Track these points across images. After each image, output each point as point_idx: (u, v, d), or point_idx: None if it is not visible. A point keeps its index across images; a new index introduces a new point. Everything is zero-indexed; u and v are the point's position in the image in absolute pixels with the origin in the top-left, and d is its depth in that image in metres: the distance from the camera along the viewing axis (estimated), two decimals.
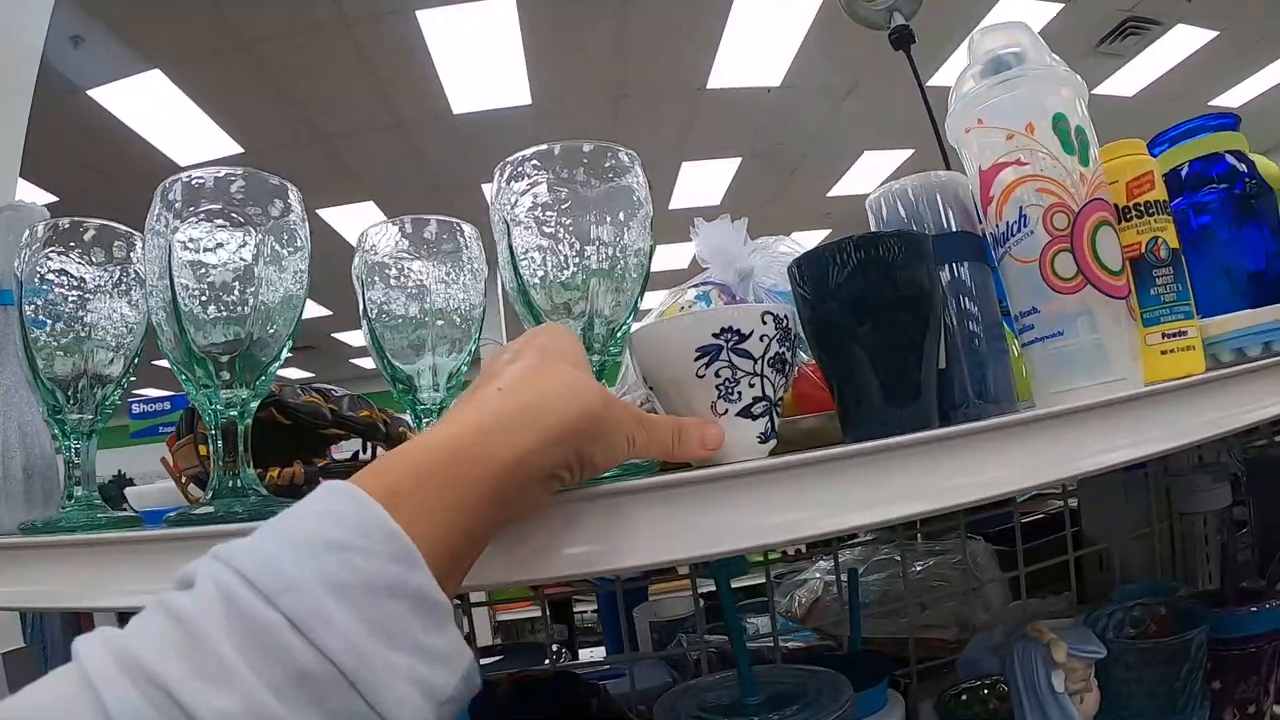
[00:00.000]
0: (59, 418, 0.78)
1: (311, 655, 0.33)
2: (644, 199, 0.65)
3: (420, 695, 0.36)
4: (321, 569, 0.35)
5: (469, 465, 0.42)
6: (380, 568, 0.36)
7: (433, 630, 0.38)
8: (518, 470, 0.44)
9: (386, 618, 0.36)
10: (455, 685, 0.38)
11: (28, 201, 0.99)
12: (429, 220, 0.75)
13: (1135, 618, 1.05)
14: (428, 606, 0.38)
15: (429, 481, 0.41)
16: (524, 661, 1.35)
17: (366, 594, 0.36)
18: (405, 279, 0.73)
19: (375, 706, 0.34)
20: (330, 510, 0.38)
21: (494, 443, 0.44)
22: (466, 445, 0.43)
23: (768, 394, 0.61)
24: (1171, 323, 0.76)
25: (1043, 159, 0.71)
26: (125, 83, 4.56)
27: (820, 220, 7.75)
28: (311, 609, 0.34)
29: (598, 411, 0.48)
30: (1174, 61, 5.80)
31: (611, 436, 0.50)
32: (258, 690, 0.32)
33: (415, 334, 0.73)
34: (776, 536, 0.51)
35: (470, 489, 0.42)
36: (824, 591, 1.42)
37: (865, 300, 0.63)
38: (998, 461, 0.56)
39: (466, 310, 0.75)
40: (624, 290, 0.63)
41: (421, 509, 0.39)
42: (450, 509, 0.41)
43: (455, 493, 0.41)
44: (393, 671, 0.35)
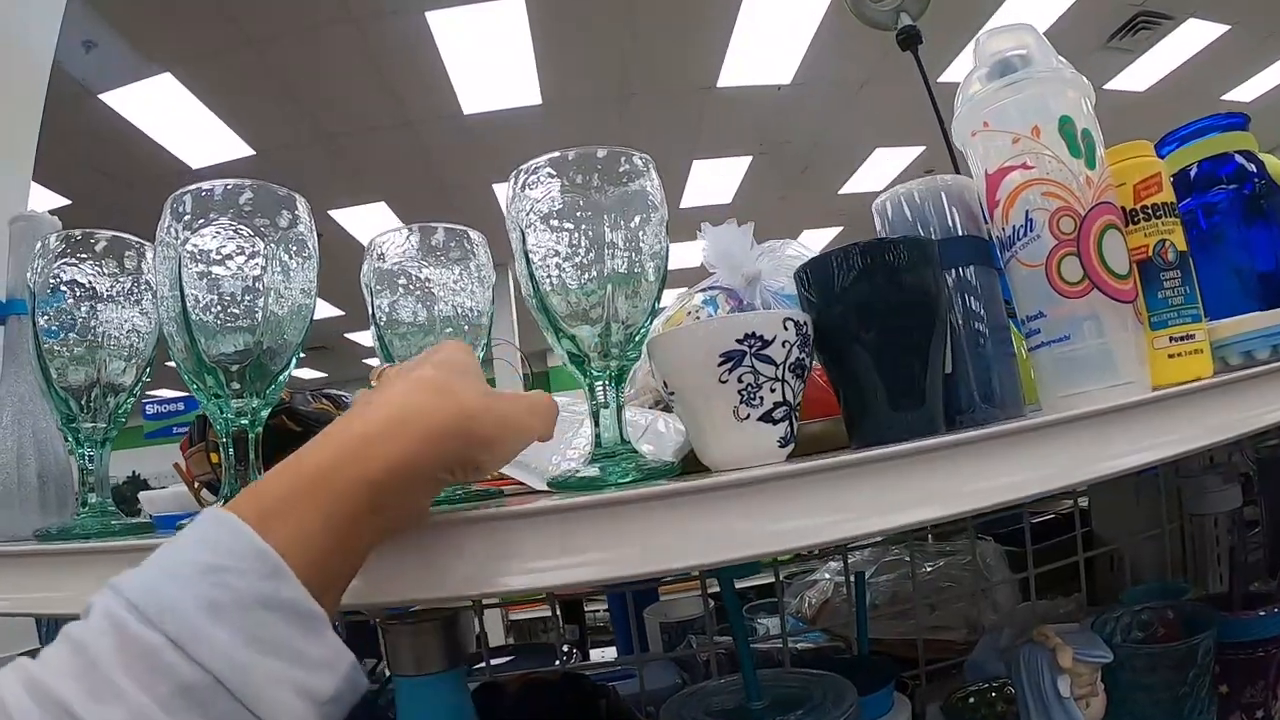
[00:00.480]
0: (72, 426, 0.79)
1: (191, 670, 0.36)
2: (659, 202, 0.65)
3: (299, 699, 0.39)
4: (198, 591, 0.38)
5: (337, 481, 0.44)
6: (252, 585, 0.39)
7: (308, 638, 0.40)
8: (388, 480, 0.45)
9: (261, 630, 0.39)
10: (336, 686, 0.41)
11: (40, 211, 1.00)
12: (436, 228, 0.75)
13: (1143, 621, 1.04)
14: (301, 616, 0.40)
15: (299, 501, 0.43)
16: (535, 662, 1.35)
17: (240, 610, 0.38)
18: (413, 286, 0.73)
19: (255, 711, 0.37)
20: (206, 537, 0.41)
21: (362, 456, 0.45)
22: (334, 462, 0.45)
23: (788, 399, 0.62)
24: (1179, 326, 0.75)
25: (1049, 162, 0.71)
26: (136, 86, 4.60)
27: (832, 218, 7.75)
28: (189, 628, 0.37)
29: (471, 410, 0.50)
30: (1185, 56, 5.78)
31: (501, 446, 0.52)
32: (145, 705, 0.35)
33: (424, 340, 0.73)
34: (785, 544, 0.51)
35: (340, 503, 0.44)
36: (834, 593, 1.42)
37: (871, 305, 0.63)
38: (1007, 468, 0.56)
39: (474, 317, 0.75)
40: (641, 295, 0.63)
41: (292, 527, 0.42)
42: (320, 525, 0.43)
43: (324, 509, 0.43)
44: (270, 679, 0.38)
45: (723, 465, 0.62)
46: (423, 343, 0.73)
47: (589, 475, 0.60)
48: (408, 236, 0.75)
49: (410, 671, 0.65)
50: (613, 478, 0.59)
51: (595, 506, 0.51)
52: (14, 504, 0.90)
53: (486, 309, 0.77)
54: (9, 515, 0.90)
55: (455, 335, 0.74)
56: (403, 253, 0.74)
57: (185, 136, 5.17)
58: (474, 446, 0.50)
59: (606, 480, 0.58)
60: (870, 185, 7.30)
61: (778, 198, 7.18)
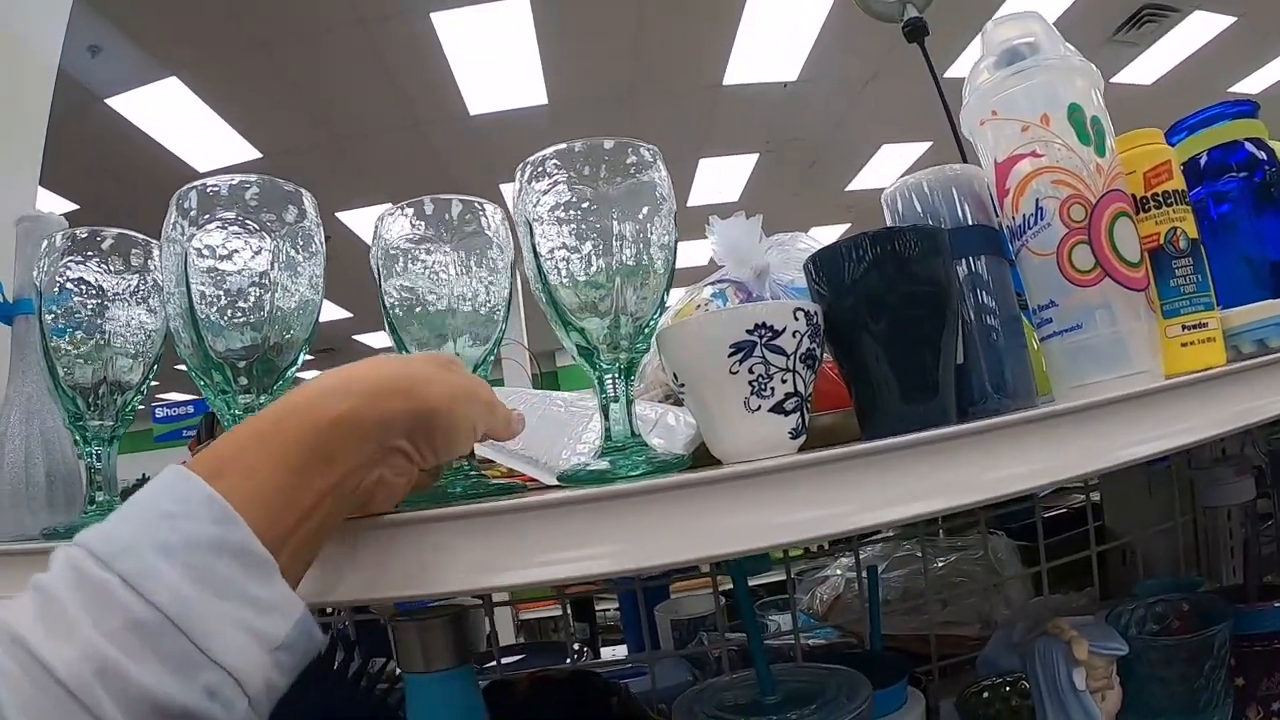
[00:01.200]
0: (80, 424, 0.79)
1: (142, 606, 0.38)
2: (667, 194, 0.64)
3: (249, 639, 0.41)
4: (151, 535, 0.40)
5: (285, 429, 0.46)
6: (202, 529, 0.41)
7: (259, 582, 0.42)
8: (335, 428, 0.47)
9: (211, 572, 0.40)
10: (288, 633, 0.43)
11: (45, 211, 1.00)
12: (451, 200, 0.71)
13: (1158, 614, 1.04)
14: (251, 560, 0.42)
15: (249, 449, 0.45)
16: (546, 660, 1.35)
17: (191, 552, 0.40)
18: (425, 265, 0.71)
19: (202, 647, 0.39)
20: (163, 488, 0.43)
21: (311, 406, 0.47)
22: (285, 412, 0.47)
23: (799, 389, 0.61)
24: (1192, 314, 0.75)
25: (1058, 150, 0.71)
26: (142, 90, 4.61)
27: (840, 215, 7.74)
28: (141, 568, 0.39)
29: (416, 373, 0.52)
30: (1192, 49, 5.77)
31: (455, 411, 0.54)
32: (97, 639, 0.37)
33: (438, 322, 0.71)
34: (797, 535, 0.51)
35: (289, 450, 0.45)
36: (845, 588, 1.41)
37: (882, 296, 0.63)
38: (1019, 458, 0.56)
39: (491, 299, 0.72)
40: (650, 287, 0.63)
41: (240, 475, 0.44)
42: (268, 472, 0.44)
43: (272, 456, 0.45)
44: (220, 619, 0.40)
45: (734, 457, 0.62)
46: (437, 325, 0.71)
47: (599, 469, 0.59)
48: (418, 210, 0.71)
49: (419, 669, 0.65)
50: (623, 471, 0.58)
51: (604, 499, 0.51)
52: (22, 503, 0.91)
53: (504, 285, 0.74)
54: (17, 515, 0.90)
55: (471, 317, 0.71)
56: (414, 229, 0.71)
57: (192, 140, 5.18)
58: (421, 411, 0.51)
59: (617, 474, 0.58)
60: (878, 181, 7.29)
61: (785, 195, 7.17)
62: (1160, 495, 1.40)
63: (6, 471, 0.91)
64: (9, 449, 0.92)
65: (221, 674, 0.39)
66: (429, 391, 0.52)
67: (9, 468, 0.91)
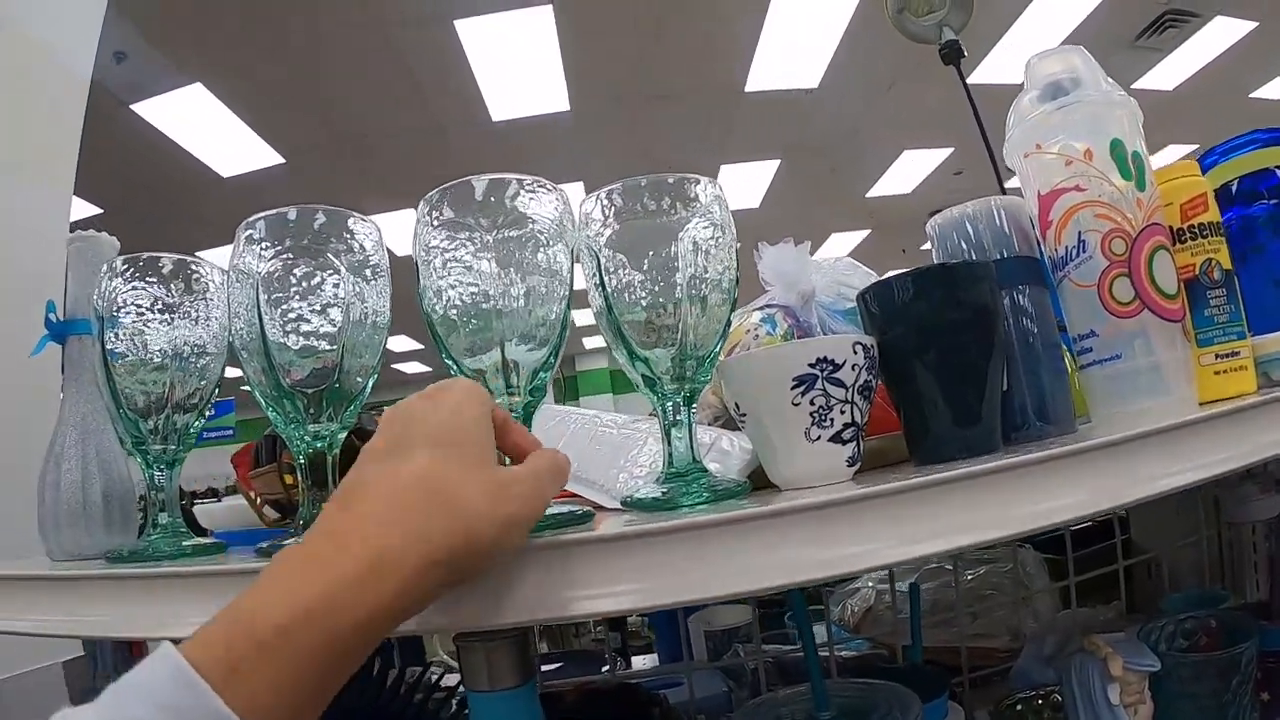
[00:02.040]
0: (142, 448, 0.80)
1: None
2: (728, 225, 0.66)
3: None
4: None
5: (309, 636, 0.40)
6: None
7: None
8: (365, 633, 0.42)
9: None
10: None
11: (97, 232, 1.01)
12: (509, 181, 0.63)
13: (1186, 630, 1.05)
14: None
15: (267, 657, 0.39)
16: (582, 669, 1.37)
17: None
18: (467, 255, 0.63)
19: None
20: (157, 689, 0.37)
21: (337, 609, 0.41)
22: (305, 616, 0.41)
23: (856, 420, 0.64)
24: (1225, 343, 0.77)
25: (1101, 185, 0.73)
26: (167, 96, 4.64)
27: (860, 221, 7.74)
28: None
29: (474, 525, 0.46)
30: (1213, 54, 5.75)
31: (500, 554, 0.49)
32: None
33: (483, 323, 0.63)
34: (853, 566, 0.52)
35: (313, 658, 0.40)
36: (877, 600, 1.43)
37: (934, 327, 0.66)
38: (1068, 488, 0.57)
39: (546, 292, 0.64)
40: (711, 317, 0.65)
41: (259, 687, 0.38)
42: (290, 680, 0.40)
43: (295, 665, 0.40)
44: None
45: (792, 484, 0.65)
46: (482, 326, 0.63)
47: (662, 496, 0.61)
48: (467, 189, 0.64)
49: (484, 687, 0.67)
50: (686, 499, 0.60)
51: (673, 532, 0.52)
52: (80, 523, 0.91)
53: (564, 278, 0.66)
54: (74, 534, 0.91)
55: (520, 316, 0.63)
56: (459, 210, 0.64)
57: (216, 145, 5.22)
58: (478, 558, 0.47)
59: (680, 501, 0.60)
60: (898, 188, 7.29)
61: (806, 201, 7.17)
62: (1186, 510, 1.41)
63: (65, 491, 0.91)
64: (65, 469, 0.92)
65: None
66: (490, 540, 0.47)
67: (67, 487, 0.91)
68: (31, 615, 0.74)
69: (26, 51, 2.09)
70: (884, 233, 8.13)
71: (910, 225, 8.03)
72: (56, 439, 0.94)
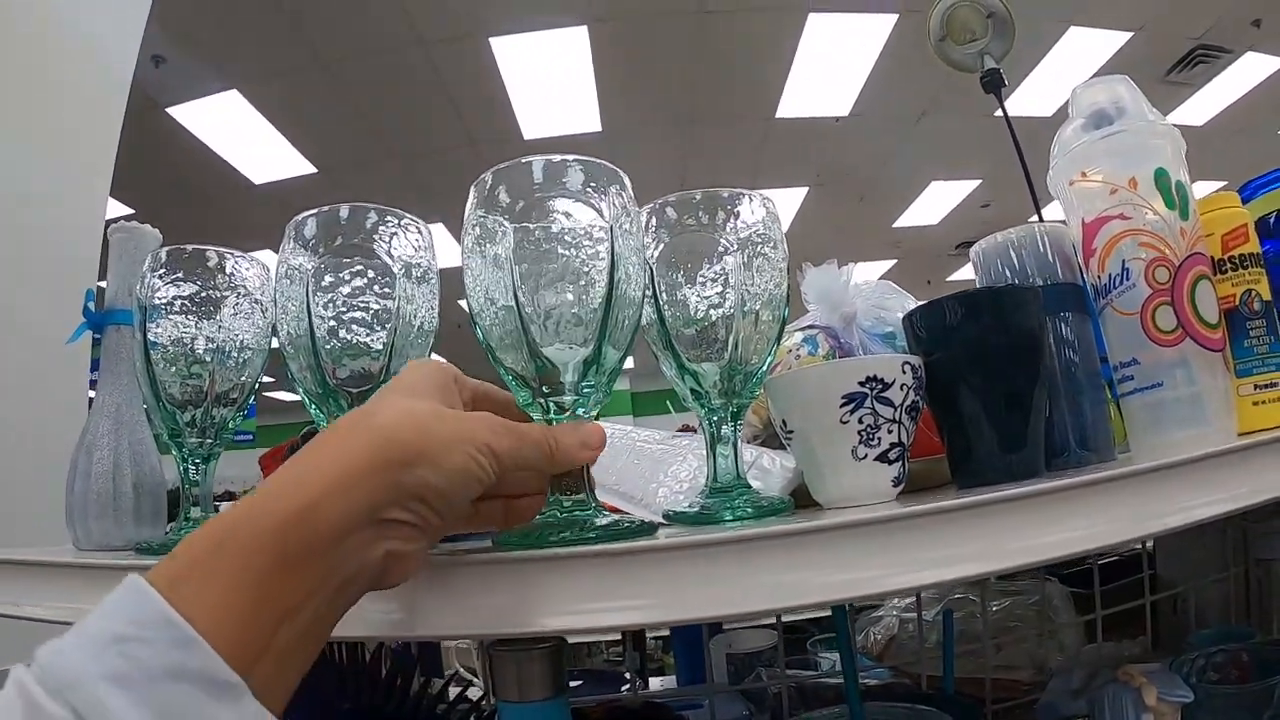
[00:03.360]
0: (178, 440, 0.79)
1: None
2: (780, 241, 0.67)
3: None
4: (104, 663, 0.37)
5: (243, 534, 0.42)
6: (159, 654, 0.37)
7: (224, 708, 0.38)
8: (300, 526, 0.43)
9: (169, 702, 0.37)
10: None
11: (140, 224, 1.01)
12: (570, 164, 0.58)
13: (1216, 664, 1.05)
14: (215, 686, 0.38)
15: (206, 560, 0.41)
16: (602, 688, 1.37)
17: (147, 681, 0.37)
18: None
19: None
20: (120, 604, 0.39)
21: (268, 505, 0.43)
22: (242, 514, 0.43)
23: (902, 440, 0.64)
24: (1264, 374, 0.76)
25: (1145, 214, 0.73)
26: (203, 102, 4.72)
27: (887, 250, 7.74)
28: (92, 701, 0.36)
29: (401, 435, 0.47)
30: (1244, 90, 5.75)
31: (441, 453, 0.48)
32: None
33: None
34: (898, 584, 0.52)
35: (250, 558, 0.41)
36: (900, 629, 1.42)
37: (982, 352, 0.66)
38: (1107, 515, 0.57)
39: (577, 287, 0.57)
40: (761, 333, 0.66)
41: (199, 588, 0.40)
42: (229, 581, 0.41)
43: (232, 565, 0.41)
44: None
45: (837, 503, 0.65)
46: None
47: (707, 510, 0.62)
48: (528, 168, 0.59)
49: (514, 698, 0.67)
50: (730, 514, 0.61)
51: (719, 545, 0.52)
52: (109, 514, 0.91)
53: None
54: (103, 525, 0.91)
55: (574, 304, 0.57)
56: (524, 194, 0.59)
57: (249, 153, 5.29)
58: (400, 468, 0.46)
59: (722, 516, 0.61)
60: (926, 218, 7.30)
61: (833, 228, 7.18)
62: (1212, 546, 1.40)
63: (95, 481, 0.92)
64: (97, 458, 0.93)
65: None
66: (408, 445, 0.47)
67: (98, 477, 0.92)
68: (57, 603, 0.74)
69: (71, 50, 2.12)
70: (910, 263, 8.14)
71: (936, 256, 8.09)
72: (89, 428, 0.95)
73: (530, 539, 0.56)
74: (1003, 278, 0.79)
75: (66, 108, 2.11)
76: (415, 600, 0.54)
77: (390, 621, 0.55)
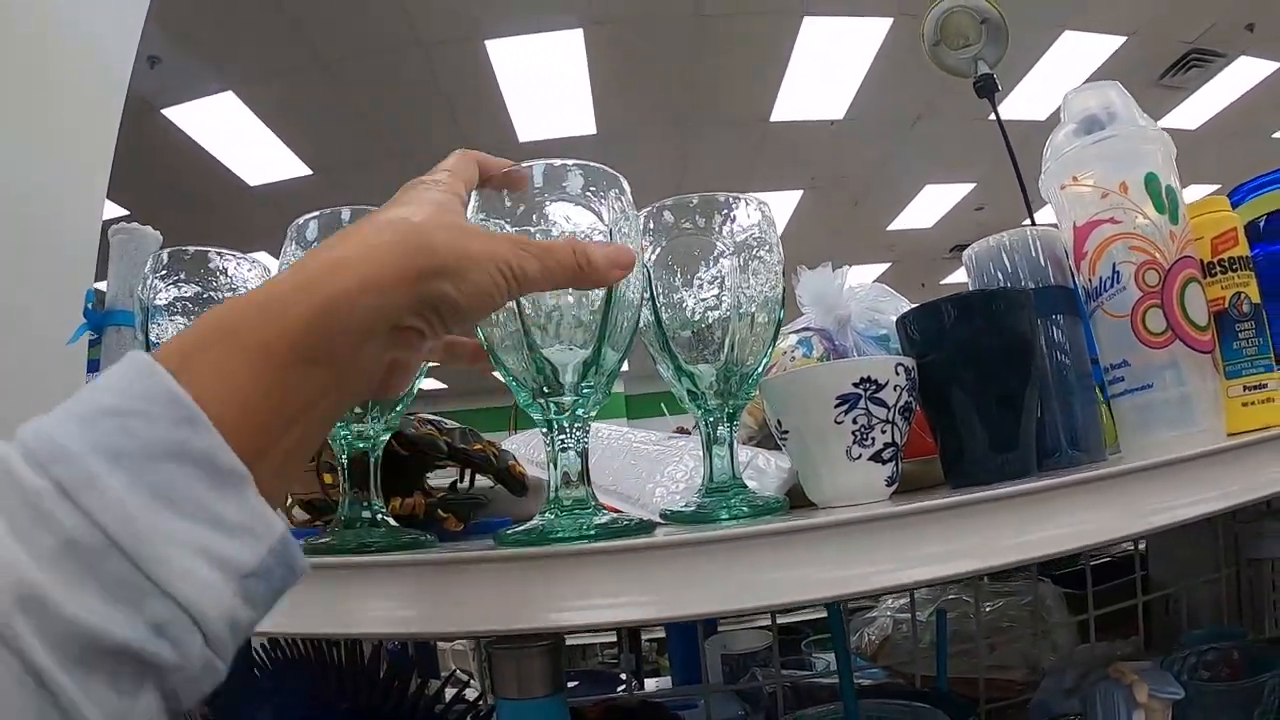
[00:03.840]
0: None
1: (79, 521, 0.31)
2: (775, 245, 0.68)
3: (210, 566, 0.34)
4: (97, 436, 0.33)
5: (266, 318, 0.39)
6: (161, 432, 0.34)
7: (225, 497, 0.35)
8: (326, 319, 0.40)
9: (167, 484, 0.33)
10: (260, 559, 0.36)
11: (141, 226, 1.02)
12: (570, 168, 0.59)
13: (1208, 662, 1.06)
14: (218, 472, 0.35)
15: (222, 341, 0.38)
16: (598, 688, 1.37)
17: (145, 459, 0.33)
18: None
19: (150, 576, 0.32)
20: (117, 379, 0.35)
21: (296, 296, 0.40)
22: (264, 300, 0.40)
23: (895, 440, 0.65)
24: (1253, 375, 0.77)
25: (1135, 218, 0.74)
26: (198, 103, 4.71)
27: (881, 254, 7.75)
28: (81, 474, 0.32)
29: (434, 243, 0.45)
30: (1237, 94, 5.77)
31: (468, 269, 0.46)
32: (21, 560, 0.30)
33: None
34: (891, 580, 0.53)
35: (269, 344, 0.39)
36: (894, 629, 1.43)
37: (974, 354, 0.67)
38: (1098, 513, 0.58)
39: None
40: (757, 335, 0.67)
41: (210, 369, 0.37)
42: (244, 367, 0.38)
43: (248, 350, 0.38)
44: (174, 540, 0.33)
45: (832, 502, 0.66)
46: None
47: (703, 509, 0.63)
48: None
49: (513, 695, 0.67)
50: (726, 513, 0.62)
51: (715, 542, 0.52)
52: None
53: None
54: None
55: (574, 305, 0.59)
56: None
57: (244, 154, 5.28)
58: (428, 278, 0.44)
59: (719, 515, 0.61)
60: (920, 221, 7.31)
61: (828, 232, 7.18)
62: (1205, 546, 1.41)
63: None
64: None
65: (171, 605, 0.32)
66: (470, 272, 0.46)
67: None
68: None
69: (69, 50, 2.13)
70: (904, 266, 8.15)
71: (931, 259, 8.10)
72: None
73: (532, 536, 0.57)
74: (995, 281, 0.80)
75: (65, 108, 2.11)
76: (419, 599, 0.55)
77: (394, 619, 0.55)
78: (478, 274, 0.46)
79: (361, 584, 0.56)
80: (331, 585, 0.57)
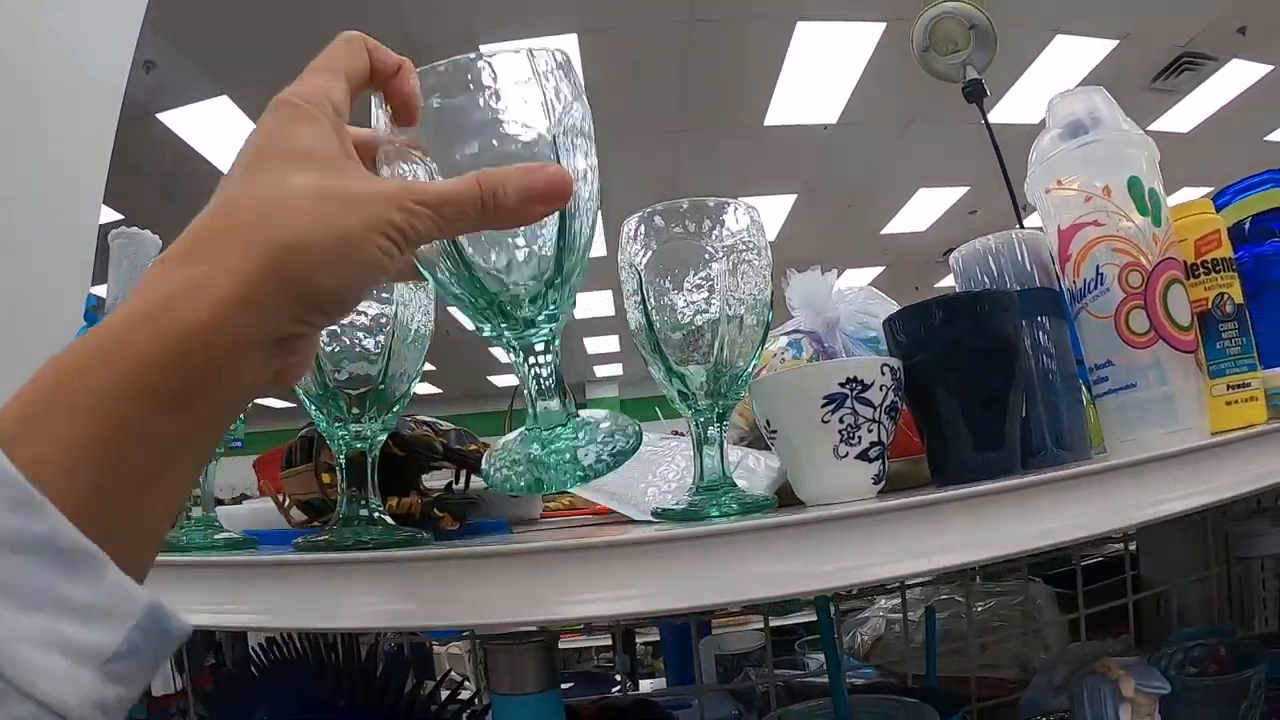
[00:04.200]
0: None
1: None
2: (764, 249, 0.69)
3: (66, 659, 0.30)
4: None
5: (104, 365, 0.34)
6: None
7: (75, 582, 0.31)
8: (181, 356, 0.35)
9: (9, 577, 0.30)
10: (124, 638, 0.32)
11: (141, 231, 1.02)
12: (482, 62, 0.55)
13: (1195, 657, 1.07)
14: (63, 556, 0.31)
15: (61, 399, 0.34)
16: (593, 689, 1.38)
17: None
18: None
19: (6, 677, 0.29)
20: None
21: (141, 331, 0.35)
22: (105, 342, 0.35)
23: (882, 439, 0.67)
24: (1236, 375, 0.79)
25: (1119, 220, 0.75)
26: (194, 108, 4.73)
27: (874, 258, 7.75)
28: None
29: (302, 232, 0.39)
30: (1229, 97, 5.79)
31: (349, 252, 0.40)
32: None
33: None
34: (878, 574, 0.55)
35: (111, 395, 0.34)
36: (886, 629, 1.44)
37: (959, 354, 0.68)
38: (1082, 508, 0.59)
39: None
40: (746, 337, 0.67)
41: (47, 436, 0.33)
42: (86, 428, 0.33)
43: (89, 408, 0.34)
44: (21, 637, 0.30)
45: (819, 500, 0.67)
46: None
47: (693, 507, 0.64)
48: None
49: (507, 690, 0.68)
50: (716, 511, 0.63)
51: (707, 537, 0.53)
52: None
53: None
54: None
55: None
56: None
57: None
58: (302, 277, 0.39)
59: (709, 512, 0.63)
60: (914, 225, 7.33)
61: (821, 235, 7.20)
62: (1195, 545, 1.42)
63: None
64: None
65: (31, 705, 0.29)
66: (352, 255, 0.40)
67: None
68: None
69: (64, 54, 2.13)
70: (898, 269, 8.16)
71: (924, 263, 8.11)
72: None
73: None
74: (981, 283, 0.81)
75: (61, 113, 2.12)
76: (414, 594, 0.56)
77: (387, 613, 0.56)
78: (360, 251, 0.41)
79: (358, 579, 0.57)
80: (329, 581, 0.57)
